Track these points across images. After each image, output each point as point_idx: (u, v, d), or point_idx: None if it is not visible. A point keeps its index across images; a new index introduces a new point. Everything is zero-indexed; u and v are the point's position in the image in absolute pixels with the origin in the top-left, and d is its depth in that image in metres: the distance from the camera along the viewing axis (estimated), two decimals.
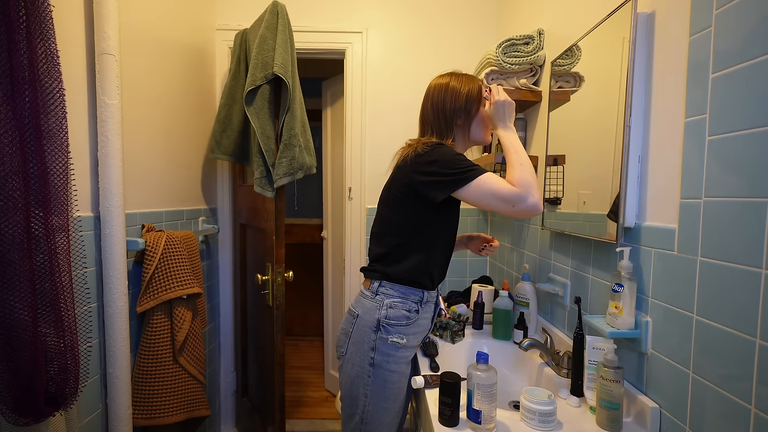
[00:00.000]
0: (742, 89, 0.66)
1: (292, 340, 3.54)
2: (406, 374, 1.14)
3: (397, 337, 1.09)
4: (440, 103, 1.14)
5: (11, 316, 0.77)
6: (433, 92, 1.17)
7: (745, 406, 0.65)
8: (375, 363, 1.09)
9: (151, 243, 1.30)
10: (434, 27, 2.02)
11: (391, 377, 1.09)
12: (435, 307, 1.22)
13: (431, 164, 1.03)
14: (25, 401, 0.80)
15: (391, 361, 1.09)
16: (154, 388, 1.29)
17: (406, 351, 1.12)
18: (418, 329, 1.14)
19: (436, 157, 1.03)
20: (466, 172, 1.00)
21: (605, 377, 0.87)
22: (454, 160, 1.02)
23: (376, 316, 1.09)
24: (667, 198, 0.83)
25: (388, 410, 1.11)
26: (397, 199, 1.11)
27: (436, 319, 1.52)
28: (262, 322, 1.78)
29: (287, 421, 2.29)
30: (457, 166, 1.01)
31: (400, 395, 1.13)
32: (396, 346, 1.09)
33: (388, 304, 1.10)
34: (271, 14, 1.53)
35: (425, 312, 1.15)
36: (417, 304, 1.12)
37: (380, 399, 1.10)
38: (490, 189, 0.98)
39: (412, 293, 1.12)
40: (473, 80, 1.16)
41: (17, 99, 0.76)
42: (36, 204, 0.80)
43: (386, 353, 1.09)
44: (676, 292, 0.80)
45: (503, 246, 1.84)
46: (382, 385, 1.09)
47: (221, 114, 1.77)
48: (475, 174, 0.99)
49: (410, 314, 1.11)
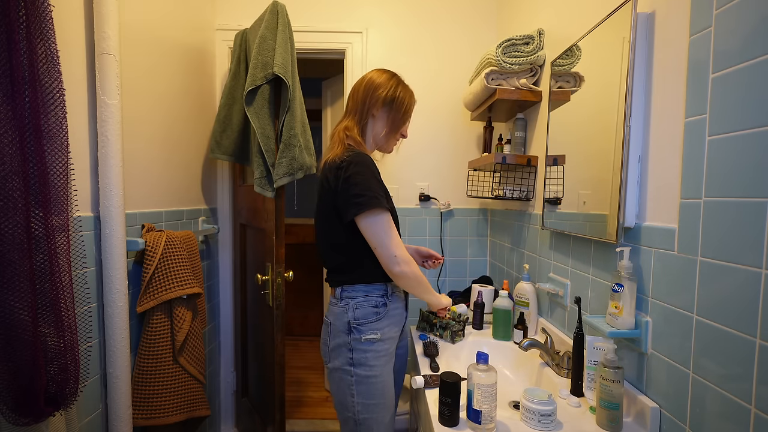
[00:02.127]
0: (742, 89, 0.66)
1: (292, 340, 3.54)
2: (389, 368, 1.16)
3: (371, 334, 1.12)
4: (372, 89, 1.20)
5: (11, 316, 0.77)
6: (373, 75, 1.22)
7: (745, 406, 0.65)
8: (355, 363, 1.12)
9: (151, 243, 1.30)
10: (434, 26, 2.02)
11: (373, 373, 1.12)
12: (406, 295, 1.25)
13: (346, 181, 1.07)
14: (25, 401, 0.80)
15: (370, 358, 1.12)
16: (154, 388, 1.29)
17: (384, 344, 1.14)
18: (391, 320, 1.17)
19: (351, 172, 1.07)
20: (371, 196, 1.05)
21: (605, 377, 0.87)
22: (366, 180, 1.06)
23: (345, 319, 1.13)
24: (667, 198, 0.83)
25: (378, 407, 1.12)
26: (329, 214, 1.14)
27: (435, 317, 1.52)
28: (262, 322, 1.78)
29: (287, 421, 2.29)
30: (365, 188, 1.06)
31: (387, 390, 1.14)
32: (372, 342, 1.12)
33: (354, 306, 1.13)
34: (271, 14, 1.53)
35: (394, 302, 1.18)
36: (383, 297, 1.16)
37: (368, 397, 1.11)
38: (383, 232, 1.08)
39: (375, 289, 1.16)
40: (411, 95, 1.24)
41: (17, 99, 0.76)
42: (36, 204, 0.80)
43: (363, 351, 1.11)
44: (676, 292, 0.80)
45: (503, 246, 1.84)
46: (366, 383, 1.11)
47: (221, 114, 1.77)
48: (374, 202, 1.05)
49: (378, 309, 1.14)
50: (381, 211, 1.07)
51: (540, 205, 1.45)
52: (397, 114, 1.21)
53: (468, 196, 1.86)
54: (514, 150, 1.61)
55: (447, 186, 2.04)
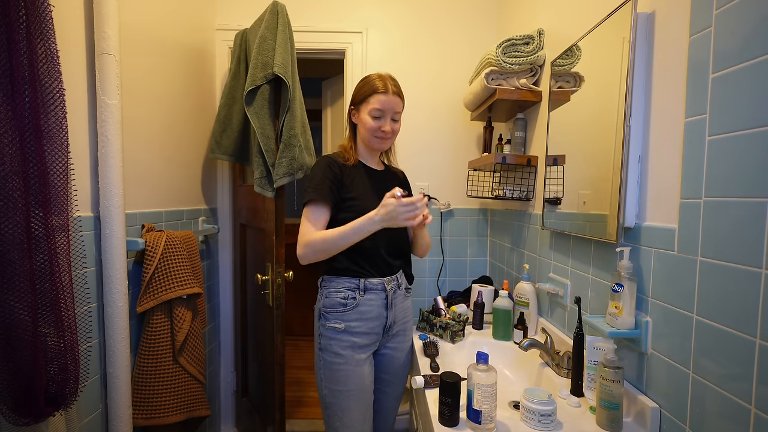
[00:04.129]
0: (742, 89, 0.66)
1: (292, 340, 3.54)
2: (357, 361, 1.19)
3: (335, 323, 1.20)
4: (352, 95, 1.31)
5: (11, 316, 0.77)
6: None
7: (745, 406, 0.65)
8: (322, 347, 1.22)
9: (151, 243, 1.30)
10: (434, 26, 2.02)
11: (337, 360, 1.19)
12: (388, 294, 1.24)
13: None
14: (25, 401, 0.80)
15: (334, 345, 1.19)
16: (154, 388, 1.29)
17: (352, 336, 1.19)
18: (360, 315, 1.20)
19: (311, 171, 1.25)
20: (305, 193, 1.19)
21: (605, 377, 0.87)
22: (308, 178, 1.23)
23: (318, 306, 1.25)
24: (667, 198, 0.83)
25: (342, 394, 1.18)
26: None
27: (435, 317, 1.52)
28: (262, 322, 1.78)
29: (287, 421, 2.29)
30: (306, 186, 1.21)
31: (351, 380, 1.18)
32: (336, 331, 1.19)
33: (325, 294, 1.24)
34: (271, 14, 1.53)
35: (367, 298, 1.21)
36: (354, 291, 1.21)
37: (332, 383, 1.19)
38: (303, 222, 1.19)
39: (345, 281, 1.22)
40: (374, 81, 1.23)
41: (17, 99, 0.76)
42: (36, 204, 0.80)
43: (328, 337, 1.20)
44: (676, 292, 0.80)
45: (503, 246, 1.84)
46: (330, 369, 1.20)
47: (221, 114, 1.77)
48: (305, 198, 1.19)
49: (346, 301, 1.20)
50: (308, 206, 1.19)
51: (540, 205, 1.45)
52: (359, 101, 1.27)
53: (468, 196, 1.86)
54: (514, 150, 1.61)
55: (447, 186, 2.04)
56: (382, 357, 1.30)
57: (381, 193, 1.17)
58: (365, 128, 1.24)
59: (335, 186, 1.19)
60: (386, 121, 1.23)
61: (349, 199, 1.21)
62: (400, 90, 1.25)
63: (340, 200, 1.21)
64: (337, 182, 1.20)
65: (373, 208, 1.12)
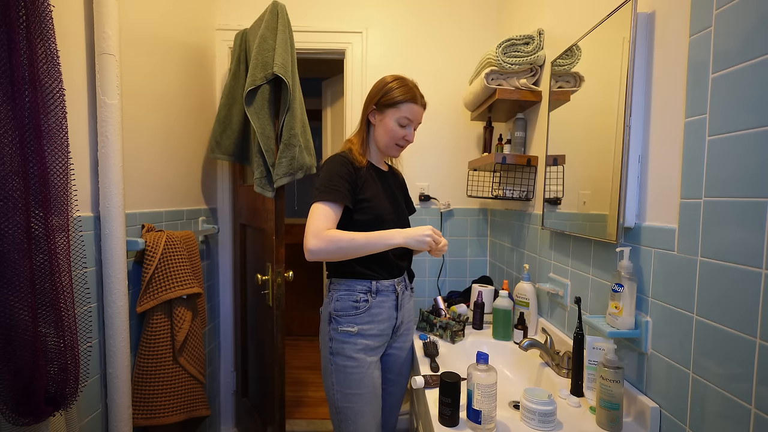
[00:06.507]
0: (742, 89, 0.66)
1: (292, 340, 3.54)
2: (369, 363, 1.18)
3: (347, 326, 1.18)
4: (368, 95, 1.27)
5: (11, 316, 0.77)
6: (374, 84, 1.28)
7: (745, 406, 0.65)
8: (334, 352, 1.19)
9: (151, 243, 1.30)
10: (434, 26, 2.02)
11: (350, 364, 1.16)
12: (398, 295, 1.25)
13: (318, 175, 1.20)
14: (25, 401, 0.80)
15: (347, 349, 1.17)
16: (154, 388, 1.29)
17: (364, 339, 1.18)
18: (372, 318, 1.19)
19: (322, 168, 1.19)
20: (318, 191, 1.14)
21: (605, 377, 0.87)
22: (323, 177, 1.16)
23: (328, 309, 1.21)
24: (667, 198, 0.83)
25: (356, 397, 1.16)
26: None
27: (435, 317, 1.52)
28: (262, 322, 1.78)
29: (287, 421, 2.29)
30: (319, 184, 1.15)
31: (364, 383, 1.17)
32: (349, 334, 1.17)
33: (336, 298, 1.20)
34: (271, 14, 1.53)
35: (379, 300, 1.20)
36: (365, 294, 1.19)
37: (345, 386, 1.17)
38: (312, 218, 1.13)
39: (357, 284, 1.20)
40: (410, 90, 1.23)
41: (17, 99, 0.76)
42: (36, 204, 0.80)
43: (341, 341, 1.18)
44: (676, 292, 0.80)
45: (503, 246, 1.84)
46: (343, 372, 1.17)
47: (221, 114, 1.77)
48: (318, 197, 1.13)
49: (358, 304, 1.18)
50: (322, 203, 1.13)
51: (540, 205, 1.45)
52: (386, 104, 1.23)
53: (468, 196, 1.86)
54: (514, 150, 1.61)
55: (447, 186, 2.04)
56: (389, 357, 1.30)
57: (389, 194, 1.16)
58: (388, 134, 1.23)
59: (352, 187, 1.17)
60: (412, 131, 1.26)
61: (362, 201, 1.19)
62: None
63: (355, 201, 1.19)
64: (353, 183, 1.18)
65: (384, 210, 1.17)
